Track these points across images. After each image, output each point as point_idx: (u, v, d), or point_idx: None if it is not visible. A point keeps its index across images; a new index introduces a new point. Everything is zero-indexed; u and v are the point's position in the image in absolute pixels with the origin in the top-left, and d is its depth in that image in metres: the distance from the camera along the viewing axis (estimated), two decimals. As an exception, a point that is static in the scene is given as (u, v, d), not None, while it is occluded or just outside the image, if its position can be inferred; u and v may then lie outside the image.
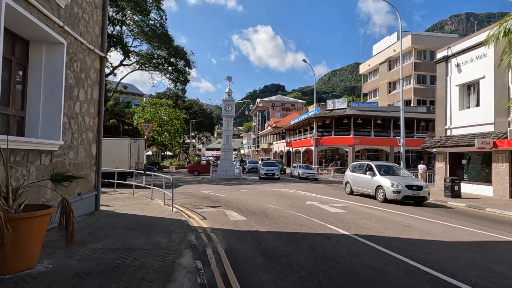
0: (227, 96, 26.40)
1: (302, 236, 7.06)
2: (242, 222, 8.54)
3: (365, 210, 10.63)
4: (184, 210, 10.41)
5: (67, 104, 7.38)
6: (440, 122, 19.52)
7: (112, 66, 32.85)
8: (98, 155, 9.23)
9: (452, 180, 15.12)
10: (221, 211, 10.24)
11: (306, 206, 11.26)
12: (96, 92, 9.05)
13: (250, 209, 10.69)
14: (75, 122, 7.81)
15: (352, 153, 32.75)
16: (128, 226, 7.24)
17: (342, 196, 14.77)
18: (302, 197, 13.95)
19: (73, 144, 7.72)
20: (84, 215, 8.32)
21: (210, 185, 19.75)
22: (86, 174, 8.56)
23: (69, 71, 7.42)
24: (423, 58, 39.63)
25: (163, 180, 11.13)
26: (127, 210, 9.46)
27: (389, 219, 9.14)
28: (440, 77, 19.73)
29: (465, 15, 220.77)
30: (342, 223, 8.29)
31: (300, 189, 17.43)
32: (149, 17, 29.29)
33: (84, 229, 6.76)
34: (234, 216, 9.40)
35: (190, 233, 6.89)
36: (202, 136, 79.49)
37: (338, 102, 35.08)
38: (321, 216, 9.33)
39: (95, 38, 8.87)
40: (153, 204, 10.88)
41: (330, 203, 11.98)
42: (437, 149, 19.13)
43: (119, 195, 12.95)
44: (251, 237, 7.01)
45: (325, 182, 23.98)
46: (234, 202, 12.25)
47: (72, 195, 7.72)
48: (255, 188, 17.96)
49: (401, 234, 7.26)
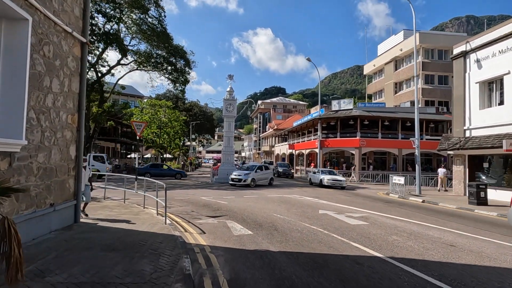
0: (228, 96, 24.99)
1: (324, 259, 5.67)
2: (247, 238, 7.16)
3: (389, 222, 9.22)
4: (179, 222, 9.02)
5: (35, 96, 6.04)
6: (458, 122, 18.12)
7: (109, 66, 31.69)
8: (78, 157, 7.86)
9: (477, 185, 13.70)
10: (223, 223, 8.85)
11: (320, 216, 9.86)
12: (76, 83, 7.70)
13: (256, 220, 9.30)
14: (46, 118, 6.45)
15: (359, 155, 31.32)
16: (108, 245, 5.86)
17: (356, 204, 13.38)
18: (313, 204, 12.55)
19: (43, 145, 6.36)
20: (58, 230, 6.94)
21: (210, 190, 18.35)
22: (62, 181, 7.19)
23: (37, 56, 6.08)
24: (431, 57, 38.30)
25: (156, 186, 9.75)
26: (113, 222, 8.08)
27: (423, 234, 7.73)
28: (457, 74, 18.35)
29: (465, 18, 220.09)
30: (370, 241, 6.89)
31: (308, 195, 16.03)
32: (147, 14, 28.01)
33: (50, 251, 5.38)
34: (238, 229, 8.01)
35: (184, 255, 5.51)
36: (203, 138, 78.16)
37: (343, 102, 33.69)
38: (341, 230, 7.94)
39: (75, 20, 7.53)
40: (144, 214, 9.49)
41: (347, 213, 10.58)
42: (455, 151, 17.73)
43: (108, 203, 11.57)
44: (260, 260, 5.62)
45: (331, 187, 22.52)
46: (237, 211, 10.86)
47: (42, 206, 6.35)
48: (259, 193, 16.56)
49: (448, 257, 5.85)
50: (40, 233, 6.34)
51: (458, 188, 18.00)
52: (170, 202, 12.73)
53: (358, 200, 14.81)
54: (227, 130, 25.10)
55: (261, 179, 21.56)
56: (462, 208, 12.91)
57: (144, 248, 5.81)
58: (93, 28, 25.93)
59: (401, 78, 41.42)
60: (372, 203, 13.81)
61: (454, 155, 18.39)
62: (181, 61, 32.86)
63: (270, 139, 63.71)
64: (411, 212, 11.29)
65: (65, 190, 7.34)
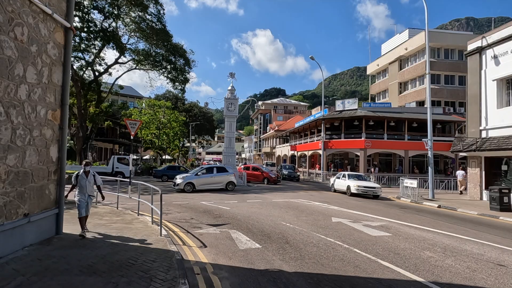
0: (229, 94, 23.94)
1: (352, 283, 4.66)
2: (255, 253, 6.15)
3: (414, 232, 8.16)
4: (177, 231, 8.01)
5: (3, 86, 5.04)
6: (473, 122, 17.11)
7: (106, 65, 30.76)
8: (61, 160, 6.85)
9: (500, 190, 12.69)
10: (226, 233, 7.84)
11: (335, 225, 8.84)
12: (58, 74, 6.70)
13: (263, 229, 8.29)
14: (18, 113, 5.46)
15: (364, 157, 30.31)
16: (89, 266, 4.85)
17: (370, 210, 12.38)
18: (323, 211, 11.52)
19: (14, 145, 5.36)
20: (34, 244, 5.92)
21: (210, 193, 17.31)
22: (41, 187, 6.19)
23: (6, 38, 5.08)
24: (437, 56, 37.36)
25: (151, 191, 8.71)
26: (100, 233, 7.06)
27: (459, 249, 6.69)
28: (472, 71, 17.36)
29: (465, 20, 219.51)
30: (400, 258, 5.87)
31: (316, 200, 14.99)
32: (146, 12, 27.06)
33: (16, 275, 4.36)
34: (244, 242, 7.00)
35: (182, 280, 4.50)
36: (202, 139, 77.15)
37: (348, 102, 32.68)
38: (363, 243, 6.91)
39: (56, 1, 6.54)
40: (137, 223, 8.47)
41: (363, 221, 9.56)
42: (470, 153, 16.72)
43: (100, 209, 10.55)
44: (273, 285, 4.61)
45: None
46: (241, 218, 9.84)
47: (13, 217, 5.35)
48: (263, 198, 15.54)
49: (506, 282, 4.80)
50: (10, 250, 5.32)
51: (474, 192, 16.99)
52: (167, 207, 11.73)
53: (371, 205, 13.80)
54: (228, 130, 24.05)
55: (209, 183, 18.14)
56: (484, 214, 11.89)
57: (132, 269, 4.79)
58: (89, 24, 25.05)
59: (406, 77, 40.45)
60: (386, 208, 12.79)
61: (469, 157, 17.39)
62: (180, 60, 31.92)
63: (271, 140, 62.71)
64: (432, 220, 10.27)
65: (44, 198, 6.33)
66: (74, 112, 29.49)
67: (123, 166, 25.11)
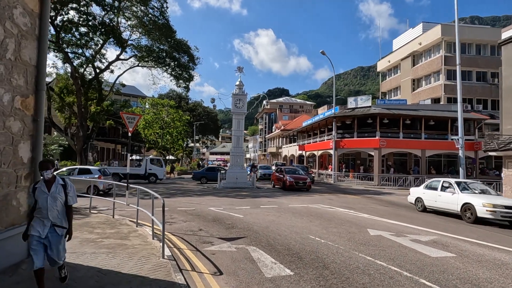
0: (237, 90, 22.34)
1: None
2: (288, 284, 4.61)
3: (483, 252, 6.43)
4: (183, 249, 6.47)
5: None
6: (509, 118, 15.43)
7: (107, 61, 29.40)
8: (36, 161, 5.33)
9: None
10: (244, 251, 6.30)
11: (376, 241, 7.23)
12: (31, 50, 5.20)
13: (289, 245, 6.73)
14: (-34, 97, 3.95)
15: (378, 157, 28.59)
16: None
17: (405, 218, 10.78)
18: (353, 220, 9.91)
19: (-41, 140, 3.84)
20: (-8, 275, 4.40)
21: (218, 197, 15.80)
22: (5, 197, 4.68)
23: None
24: (453, 51, 35.52)
25: (152, 197, 7.16)
26: (86, 254, 5.55)
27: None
28: (507, 61, 15.68)
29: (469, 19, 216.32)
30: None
31: (338, 205, 13.37)
32: (148, 5, 25.68)
33: None
34: (269, 265, 5.45)
35: None
36: (206, 139, 75.74)
37: (361, 99, 31.01)
38: (426, 269, 5.31)
39: (27, -46, 5.03)
40: (135, 238, 6.95)
41: (407, 234, 7.93)
42: (507, 152, 15.03)
43: (92, 218, 9.06)
44: None
45: (355, 192, 19.88)
46: (258, 229, 8.29)
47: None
48: (277, 202, 13.98)
49: None
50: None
51: (511, 195, 15.29)
52: (171, 214, 10.22)
53: (401, 212, 12.18)
54: (236, 128, 22.44)
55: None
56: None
57: (121, 322, 3.25)
58: (88, 18, 23.74)
59: (420, 74, 38.65)
60: (423, 217, 11.12)
61: (505, 157, 15.69)
62: (184, 56, 30.52)
63: (276, 140, 61.12)
64: (488, 232, 8.62)
65: (10, 210, 4.83)
66: (74, 110, 28.21)
67: (156, 168, 24.11)
